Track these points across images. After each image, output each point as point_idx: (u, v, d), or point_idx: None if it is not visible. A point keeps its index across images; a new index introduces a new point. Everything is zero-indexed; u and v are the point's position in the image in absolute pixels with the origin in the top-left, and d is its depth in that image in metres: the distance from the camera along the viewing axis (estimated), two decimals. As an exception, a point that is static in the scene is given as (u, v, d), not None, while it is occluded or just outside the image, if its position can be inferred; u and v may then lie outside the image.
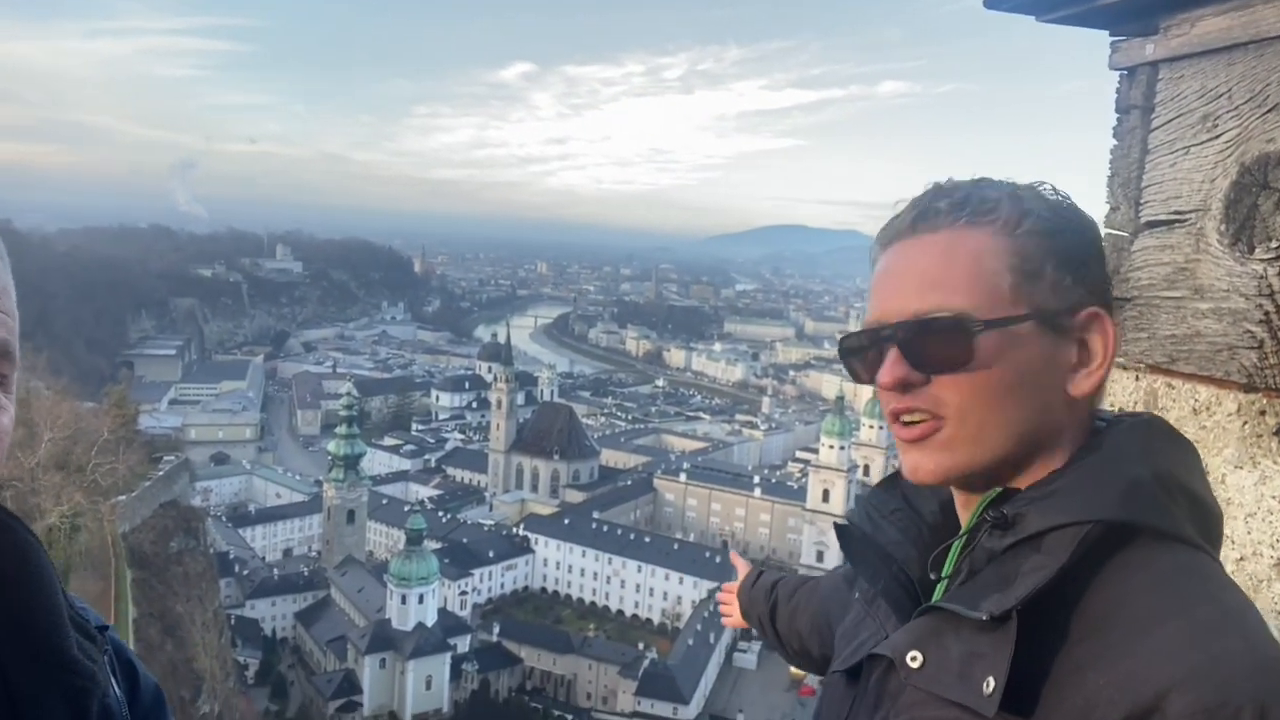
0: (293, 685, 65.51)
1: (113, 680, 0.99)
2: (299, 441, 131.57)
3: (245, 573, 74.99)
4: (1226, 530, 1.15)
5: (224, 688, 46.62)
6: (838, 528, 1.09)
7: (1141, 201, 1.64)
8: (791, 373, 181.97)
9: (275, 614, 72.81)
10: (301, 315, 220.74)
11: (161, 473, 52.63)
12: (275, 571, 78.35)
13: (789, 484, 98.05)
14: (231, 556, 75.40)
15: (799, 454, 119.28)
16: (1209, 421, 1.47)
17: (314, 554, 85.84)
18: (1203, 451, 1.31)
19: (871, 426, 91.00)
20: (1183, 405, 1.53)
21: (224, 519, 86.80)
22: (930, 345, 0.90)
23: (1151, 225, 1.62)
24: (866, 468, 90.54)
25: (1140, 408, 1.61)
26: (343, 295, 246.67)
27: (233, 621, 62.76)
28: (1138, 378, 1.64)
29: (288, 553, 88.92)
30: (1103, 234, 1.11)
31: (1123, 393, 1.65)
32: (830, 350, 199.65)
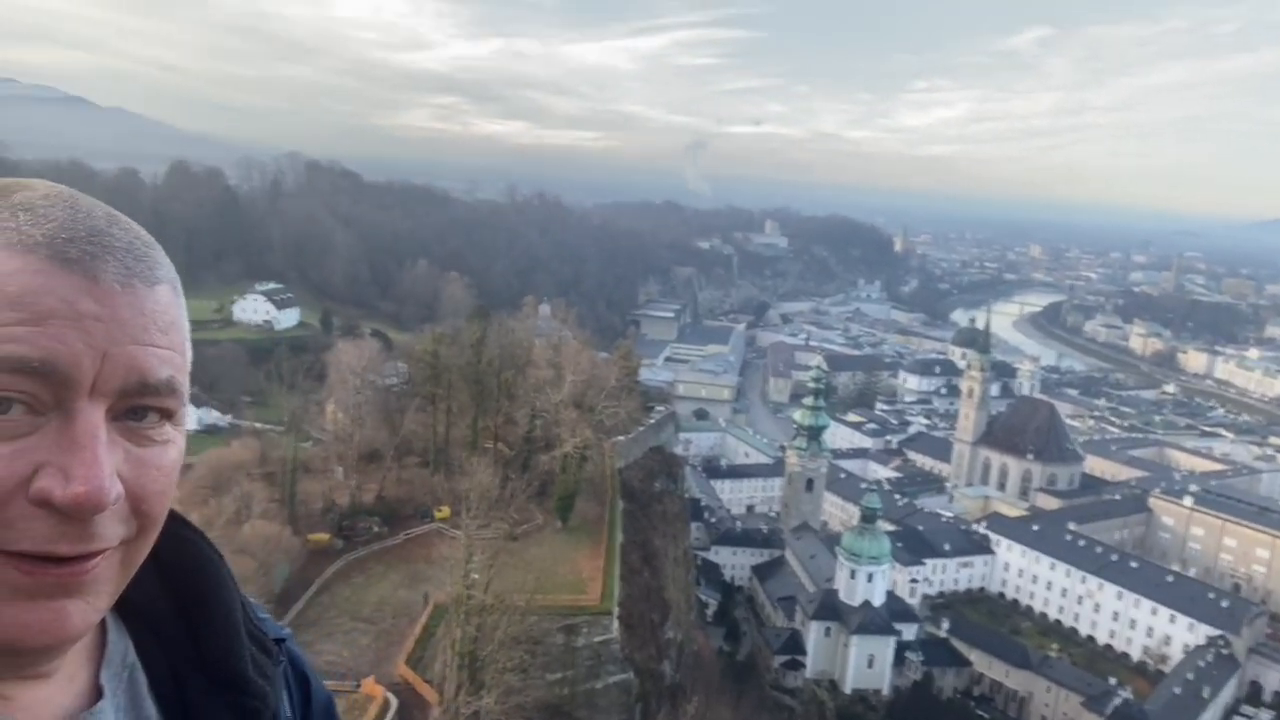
0: (745, 634, 70.27)
1: (285, 697, 1.02)
2: (769, 407, 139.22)
3: (713, 520, 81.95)
4: None
5: (686, 620, 51.66)
6: None
7: None
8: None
9: (735, 563, 78.53)
10: (782, 288, 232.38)
11: (653, 421, 59.65)
12: (738, 524, 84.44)
13: (1341, 531, 78.29)
14: (702, 504, 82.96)
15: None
16: None
17: (773, 514, 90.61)
18: None
19: None
20: None
21: (699, 469, 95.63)
22: None
23: None
24: None
25: None
26: (821, 271, 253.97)
27: (698, 562, 69.14)
28: None
29: (750, 508, 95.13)
30: None
31: None
32: None
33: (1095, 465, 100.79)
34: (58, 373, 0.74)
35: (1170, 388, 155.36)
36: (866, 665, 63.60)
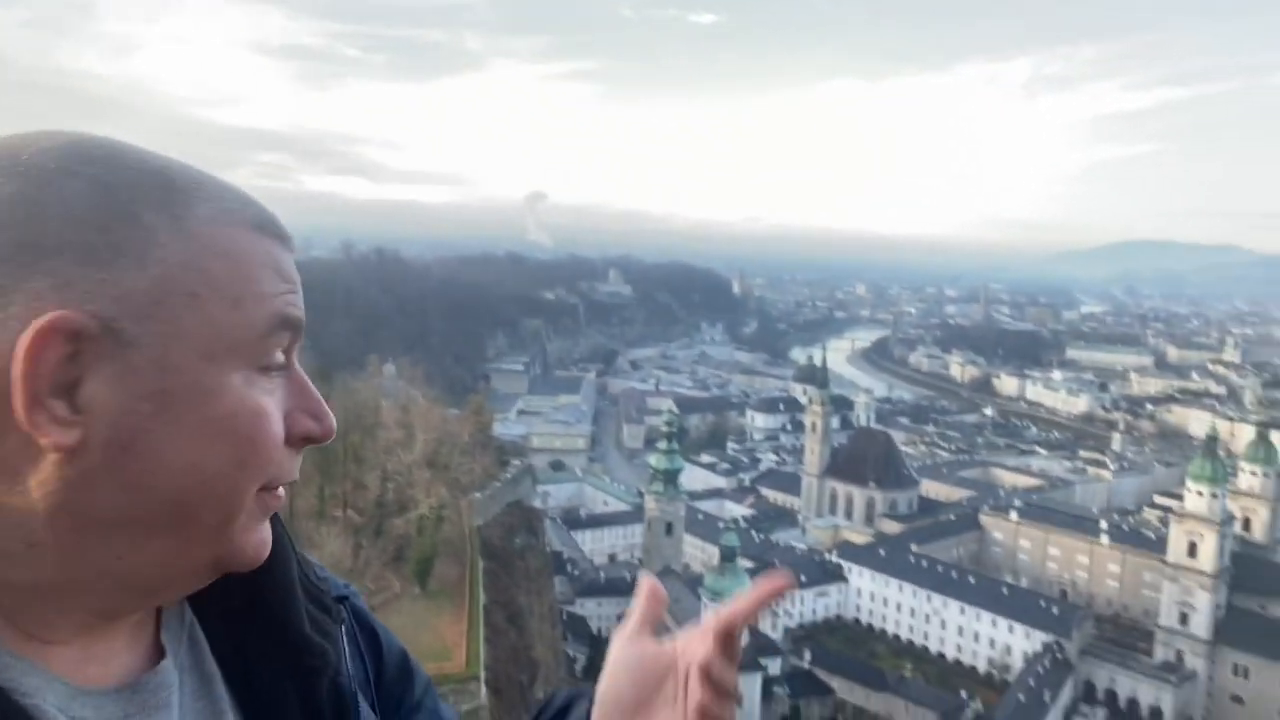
0: (613, 684, 69.22)
1: (346, 656, 0.98)
2: (624, 454, 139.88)
3: (576, 572, 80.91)
4: None
5: (557, 677, 50.42)
6: None
7: None
8: (1149, 406, 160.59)
9: (601, 614, 77.66)
10: (629, 335, 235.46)
11: (510, 475, 58.57)
12: (602, 574, 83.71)
13: (1144, 532, 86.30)
14: (564, 556, 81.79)
15: (1157, 499, 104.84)
16: None
17: (636, 561, 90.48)
18: None
19: (1254, 473, 77.52)
20: None
21: (559, 521, 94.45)
22: None
23: None
24: (1247, 521, 77.24)
25: None
26: (666, 316, 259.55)
27: (565, 617, 67.90)
28: None
29: (612, 558, 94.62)
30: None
31: None
32: (1200, 381, 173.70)
33: (930, 488, 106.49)
34: (300, 331, 0.81)
35: (989, 411, 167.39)
36: (736, 704, 64.01)
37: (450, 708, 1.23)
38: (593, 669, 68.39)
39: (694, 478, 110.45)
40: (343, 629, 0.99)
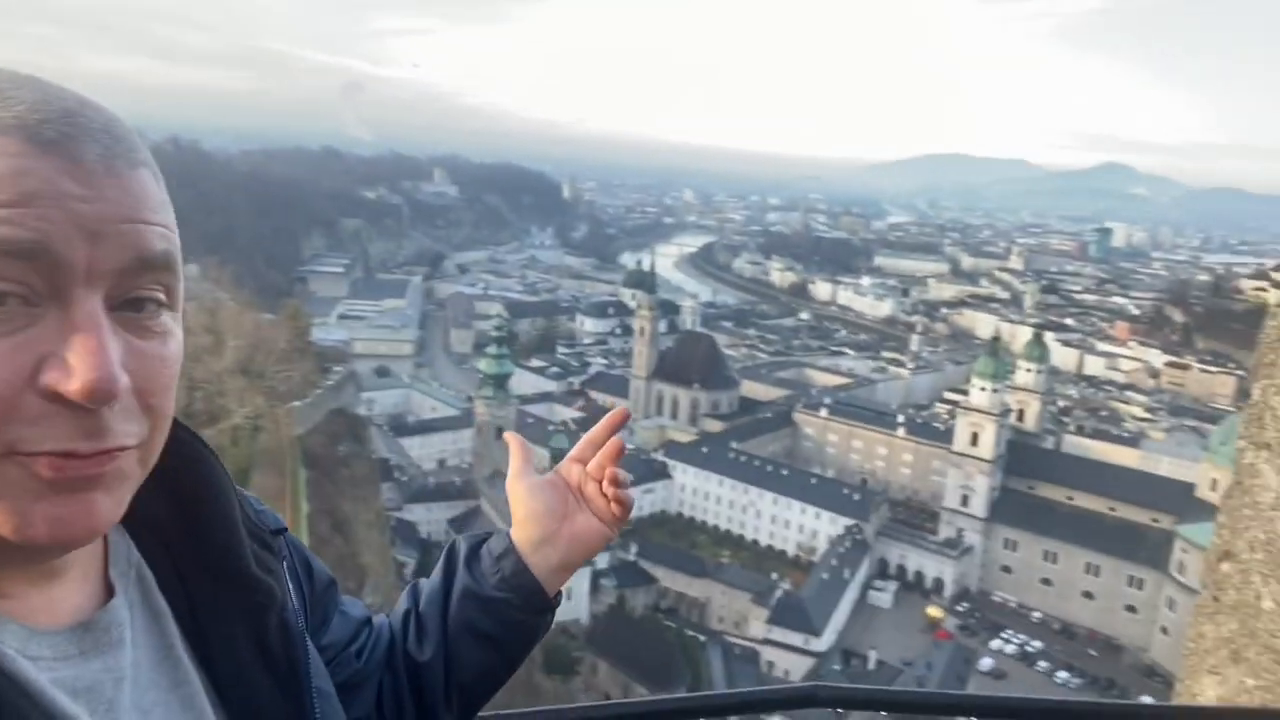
0: (444, 586, 69.94)
1: (290, 592, 0.98)
2: (452, 359, 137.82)
3: (404, 479, 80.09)
4: None
5: (385, 582, 50.31)
6: None
7: None
8: (944, 310, 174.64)
9: (430, 519, 77.62)
10: (456, 238, 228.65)
11: (332, 382, 56.63)
12: (430, 479, 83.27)
13: (935, 425, 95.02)
14: (392, 463, 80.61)
15: (947, 395, 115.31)
16: None
17: (465, 465, 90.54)
18: None
19: (1029, 370, 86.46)
20: None
21: (385, 428, 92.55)
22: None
23: None
24: (1021, 413, 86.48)
25: None
26: (495, 219, 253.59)
27: (392, 523, 67.40)
28: None
29: (441, 463, 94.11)
30: None
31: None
32: (987, 288, 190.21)
33: (749, 388, 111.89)
34: (49, 254, 0.66)
35: (804, 315, 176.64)
36: (566, 598, 65.72)
37: (355, 601, 1.24)
38: (422, 572, 69.11)
39: (524, 382, 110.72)
40: (285, 565, 0.99)
